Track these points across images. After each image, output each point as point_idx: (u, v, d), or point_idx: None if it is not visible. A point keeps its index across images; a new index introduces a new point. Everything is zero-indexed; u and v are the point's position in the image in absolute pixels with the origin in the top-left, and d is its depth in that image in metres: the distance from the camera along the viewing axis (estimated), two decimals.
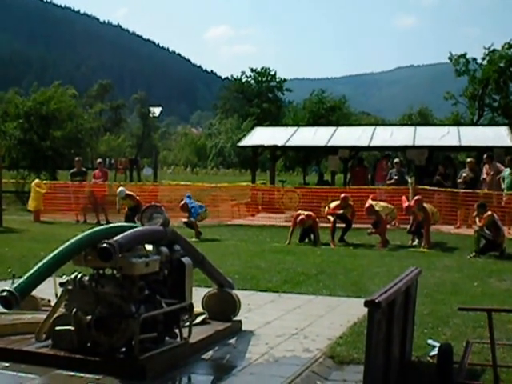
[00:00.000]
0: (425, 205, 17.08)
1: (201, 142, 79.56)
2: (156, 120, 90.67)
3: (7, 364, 6.55)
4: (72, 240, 6.70)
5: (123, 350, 6.49)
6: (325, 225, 17.74)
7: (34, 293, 6.90)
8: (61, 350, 6.60)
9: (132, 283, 6.54)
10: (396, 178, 23.12)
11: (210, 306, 8.11)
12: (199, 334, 7.26)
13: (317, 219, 17.58)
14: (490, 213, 15.45)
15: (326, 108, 53.93)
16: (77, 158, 26.09)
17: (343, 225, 17.93)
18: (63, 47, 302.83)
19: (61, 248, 6.64)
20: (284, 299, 10.17)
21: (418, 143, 25.48)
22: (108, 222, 19.28)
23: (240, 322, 8.20)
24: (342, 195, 18.35)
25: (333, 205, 18.14)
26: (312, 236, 17.38)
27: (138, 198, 20.71)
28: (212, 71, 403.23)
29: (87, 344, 6.61)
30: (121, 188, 21.11)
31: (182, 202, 18.81)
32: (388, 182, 23.20)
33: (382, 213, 17.17)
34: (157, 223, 7.16)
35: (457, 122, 45.43)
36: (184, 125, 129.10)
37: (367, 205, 17.35)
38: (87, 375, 6.23)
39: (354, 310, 8.79)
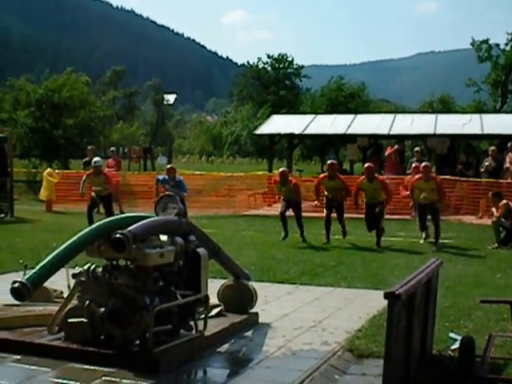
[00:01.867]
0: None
1: (216, 130, 79.41)
2: (170, 108, 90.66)
3: (19, 357, 6.46)
4: (85, 230, 6.59)
5: (137, 342, 6.38)
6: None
7: (46, 284, 6.80)
8: (74, 342, 6.50)
9: (146, 274, 6.43)
10: None
11: (226, 298, 7.98)
12: (215, 327, 7.15)
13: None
14: (505, 201, 15.26)
15: (345, 95, 53.64)
16: (89, 147, 26.02)
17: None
18: (76, 33, 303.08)
19: (73, 239, 6.53)
20: (301, 291, 10.04)
21: (439, 131, 25.23)
22: (122, 212, 19.14)
23: (257, 314, 8.08)
24: (281, 169, 16.91)
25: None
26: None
27: (114, 183, 19.53)
28: (228, 57, 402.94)
29: (100, 336, 6.51)
30: (98, 158, 18.76)
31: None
32: (408, 171, 22.93)
33: None
34: (171, 213, 7.02)
35: (479, 109, 45.05)
36: (199, 112, 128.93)
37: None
38: (101, 368, 6.13)
39: (373, 302, 8.64)
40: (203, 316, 6.90)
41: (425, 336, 6.30)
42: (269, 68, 70.60)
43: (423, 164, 15.81)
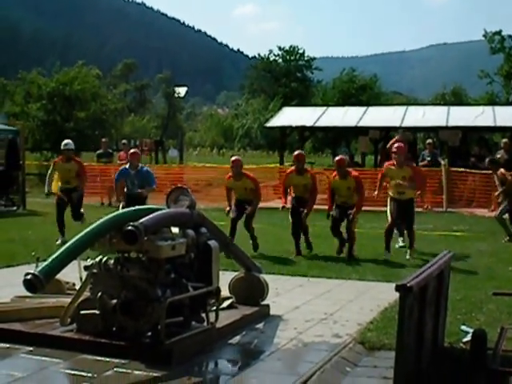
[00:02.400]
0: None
1: (227, 122, 79.33)
2: (181, 100, 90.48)
3: (31, 348, 6.49)
4: (97, 223, 6.60)
5: (149, 334, 6.40)
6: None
7: (58, 276, 6.82)
8: (86, 334, 6.53)
9: (158, 266, 6.44)
10: (429, 159, 22.77)
11: (237, 291, 7.99)
12: (226, 319, 7.16)
13: None
14: (502, 170, 15.29)
15: (357, 87, 53.49)
16: (103, 139, 26.08)
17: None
18: (87, 26, 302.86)
19: (85, 231, 6.54)
20: (313, 284, 10.04)
21: (451, 124, 25.11)
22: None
23: (268, 306, 8.08)
24: (233, 158, 13.90)
25: None
26: None
27: (86, 177, 15.51)
28: (239, 50, 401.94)
29: (113, 328, 6.53)
30: (69, 140, 15.02)
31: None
32: (420, 163, 22.84)
33: None
34: (183, 205, 7.03)
35: (492, 101, 44.80)
36: (210, 105, 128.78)
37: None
38: (113, 359, 6.15)
39: (384, 294, 8.63)
40: (214, 308, 6.92)
41: (436, 328, 6.27)
42: (280, 60, 70.49)
43: (395, 145, 13.15)
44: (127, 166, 13.71)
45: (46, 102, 36.19)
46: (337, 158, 13.18)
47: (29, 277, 6.07)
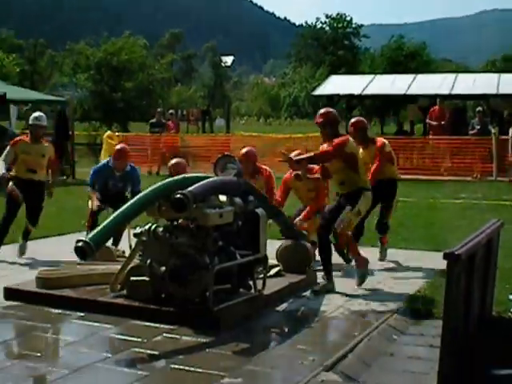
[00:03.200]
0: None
1: (274, 91, 79.07)
2: (228, 70, 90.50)
3: (83, 314, 6.64)
4: (146, 191, 6.67)
5: (197, 301, 6.47)
6: None
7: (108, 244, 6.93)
8: (136, 300, 6.63)
9: (206, 234, 6.49)
10: (478, 128, 22.41)
11: (285, 259, 8.02)
12: (273, 286, 7.20)
13: None
14: None
15: (405, 55, 52.71)
16: (158, 109, 26.24)
17: None
18: None
19: (134, 199, 6.63)
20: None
21: (502, 91, 24.62)
22: None
23: (315, 274, 8.10)
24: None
25: None
26: None
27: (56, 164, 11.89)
28: (285, 18, 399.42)
29: (162, 295, 6.62)
30: (40, 113, 10.15)
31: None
32: (470, 132, 22.50)
33: None
34: (230, 174, 7.06)
35: None
36: (257, 74, 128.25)
37: None
38: (162, 325, 6.25)
39: (432, 263, 8.58)
40: (262, 275, 6.97)
41: (484, 298, 6.23)
42: (327, 28, 69.78)
43: (353, 120, 9.73)
44: (109, 162, 9.93)
45: (94, 73, 36.45)
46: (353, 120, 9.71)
47: (80, 244, 6.18)
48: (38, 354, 5.66)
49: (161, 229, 6.60)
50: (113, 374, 5.25)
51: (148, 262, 6.66)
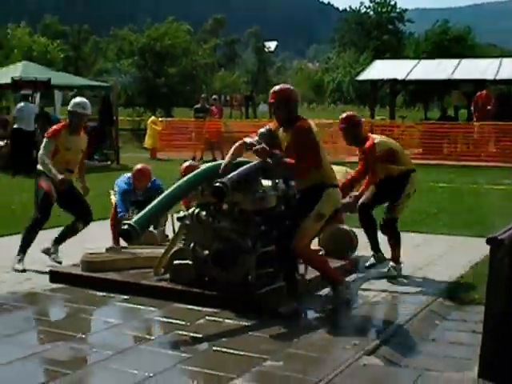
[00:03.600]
0: None
1: (317, 76, 78.63)
2: (271, 55, 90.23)
3: (127, 297, 6.74)
4: (189, 176, 6.72)
5: (240, 284, 6.51)
6: None
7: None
8: (179, 283, 6.70)
9: (248, 219, 6.53)
10: None
11: (327, 243, 8.01)
12: (315, 271, 7.20)
13: None
14: None
15: (450, 39, 52.11)
16: (203, 95, 26.37)
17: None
18: None
19: (178, 183, 6.67)
20: (402, 238, 9.92)
21: None
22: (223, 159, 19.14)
23: (357, 259, 8.10)
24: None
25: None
26: None
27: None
28: (329, 3, 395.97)
29: (205, 278, 6.68)
30: (83, 99, 8.64)
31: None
32: None
33: None
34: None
35: None
36: (300, 59, 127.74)
37: None
38: (204, 308, 6.32)
39: (475, 249, 8.49)
40: None
41: None
42: (371, 12, 69.19)
43: (343, 115, 7.94)
44: (130, 180, 8.75)
45: (138, 58, 36.65)
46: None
47: (125, 227, 6.25)
48: (83, 336, 5.76)
49: (204, 213, 6.66)
50: (156, 355, 5.32)
51: (191, 245, 6.73)
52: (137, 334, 5.82)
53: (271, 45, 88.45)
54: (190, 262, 6.70)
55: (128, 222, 6.33)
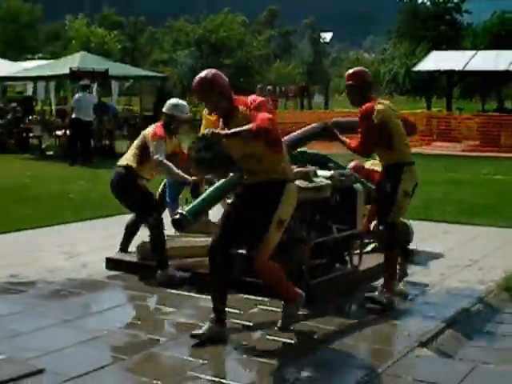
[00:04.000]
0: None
1: (373, 67, 77.97)
2: (327, 46, 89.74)
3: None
4: None
5: (294, 274, 6.50)
6: None
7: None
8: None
9: (303, 208, 6.51)
10: None
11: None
12: (369, 262, 7.18)
13: None
14: None
15: (508, 29, 51.21)
16: (259, 86, 26.41)
17: None
18: None
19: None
20: (458, 230, 9.87)
21: None
22: None
23: (412, 251, 8.03)
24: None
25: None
26: None
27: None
28: None
29: None
30: (179, 101, 8.02)
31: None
32: None
33: None
34: None
35: None
36: (356, 50, 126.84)
37: None
38: (258, 298, 6.36)
39: None
40: (358, 251, 6.97)
41: None
42: (428, 3, 68.36)
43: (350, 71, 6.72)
44: None
45: (194, 49, 36.87)
46: None
47: (177, 216, 6.31)
48: (138, 322, 5.85)
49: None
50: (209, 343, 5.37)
51: None
52: (191, 322, 5.87)
53: (327, 36, 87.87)
54: (244, 251, 6.72)
55: (180, 211, 6.38)
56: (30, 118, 24.27)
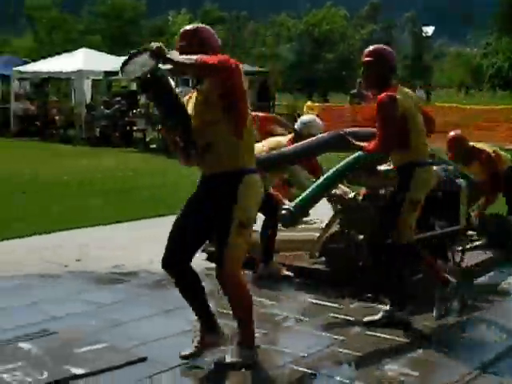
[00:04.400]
0: None
1: (476, 61, 76.21)
2: (429, 40, 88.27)
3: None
4: (346, 160, 6.70)
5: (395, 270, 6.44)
6: None
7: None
8: (333, 267, 6.70)
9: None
10: None
11: (486, 232, 7.81)
12: (472, 260, 7.04)
13: None
14: None
15: None
16: (358, 80, 26.32)
17: None
18: None
19: (335, 168, 6.68)
20: None
21: None
22: None
23: None
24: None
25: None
26: None
27: None
28: None
29: (359, 263, 6.65)
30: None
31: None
32: None
33: None
34: None
35: None
36: (458, 44, 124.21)
37: None
38: (358, 293, 6.32)
39: None
40: (461, 248, 6.84)
41: None
42: None
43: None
44: None
45: (296, 44, 36.94)
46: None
47: (284, 211, 6.36)
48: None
49: (360, 197, 6.64)
50: (309, 336, 5.41)
51: (346, 230, 6.72)
52: (291, 315, 5.89)
53: (428, 30, 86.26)
54: (345, 246, 6.70)
55: (287, 206, 6.42)
56: (134, 111, 24.76)
